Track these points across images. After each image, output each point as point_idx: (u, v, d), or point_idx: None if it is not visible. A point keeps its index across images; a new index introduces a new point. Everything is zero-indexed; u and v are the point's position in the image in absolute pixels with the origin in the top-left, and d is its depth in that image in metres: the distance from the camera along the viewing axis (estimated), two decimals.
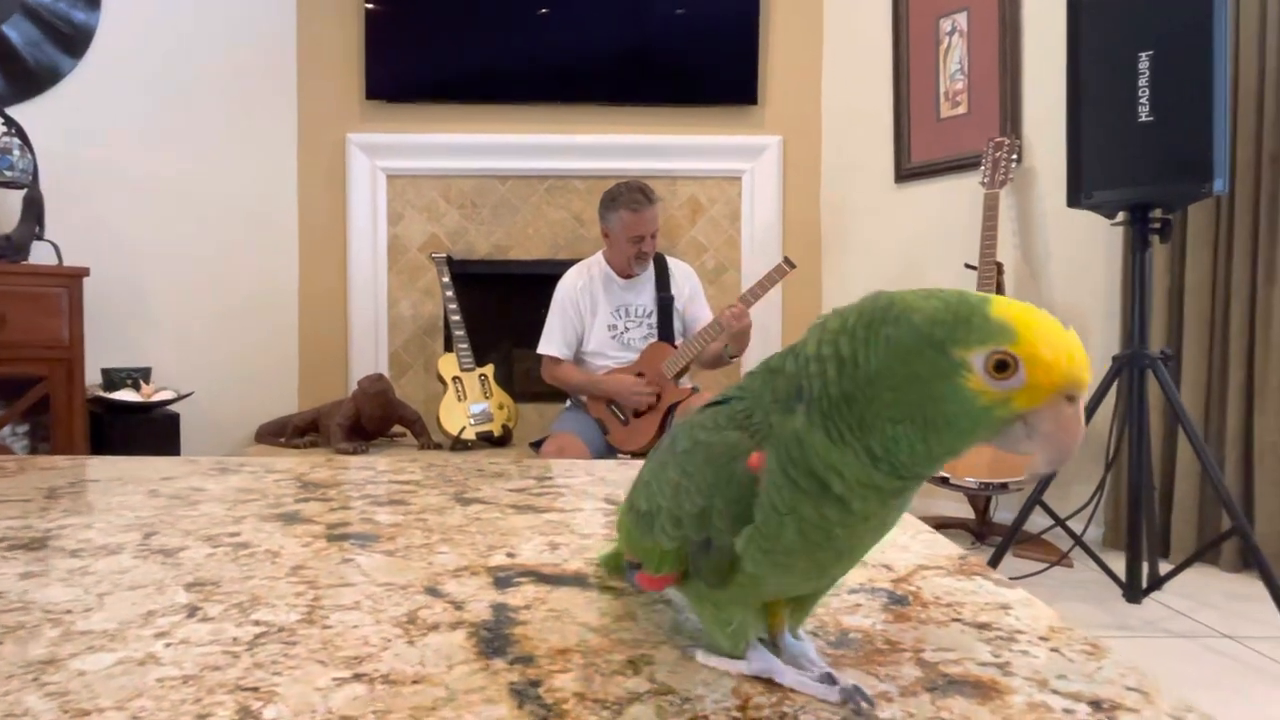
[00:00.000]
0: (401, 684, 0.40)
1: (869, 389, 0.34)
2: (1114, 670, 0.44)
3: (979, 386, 0.32)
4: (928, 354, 0.32)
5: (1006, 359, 0.31)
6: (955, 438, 0.33)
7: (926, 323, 0.33)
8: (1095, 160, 1.83)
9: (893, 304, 0.34)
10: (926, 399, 0.32)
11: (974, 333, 0.32)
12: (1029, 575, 2.23)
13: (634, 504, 0.45)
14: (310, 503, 0.84)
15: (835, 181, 3.44)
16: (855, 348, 0.34)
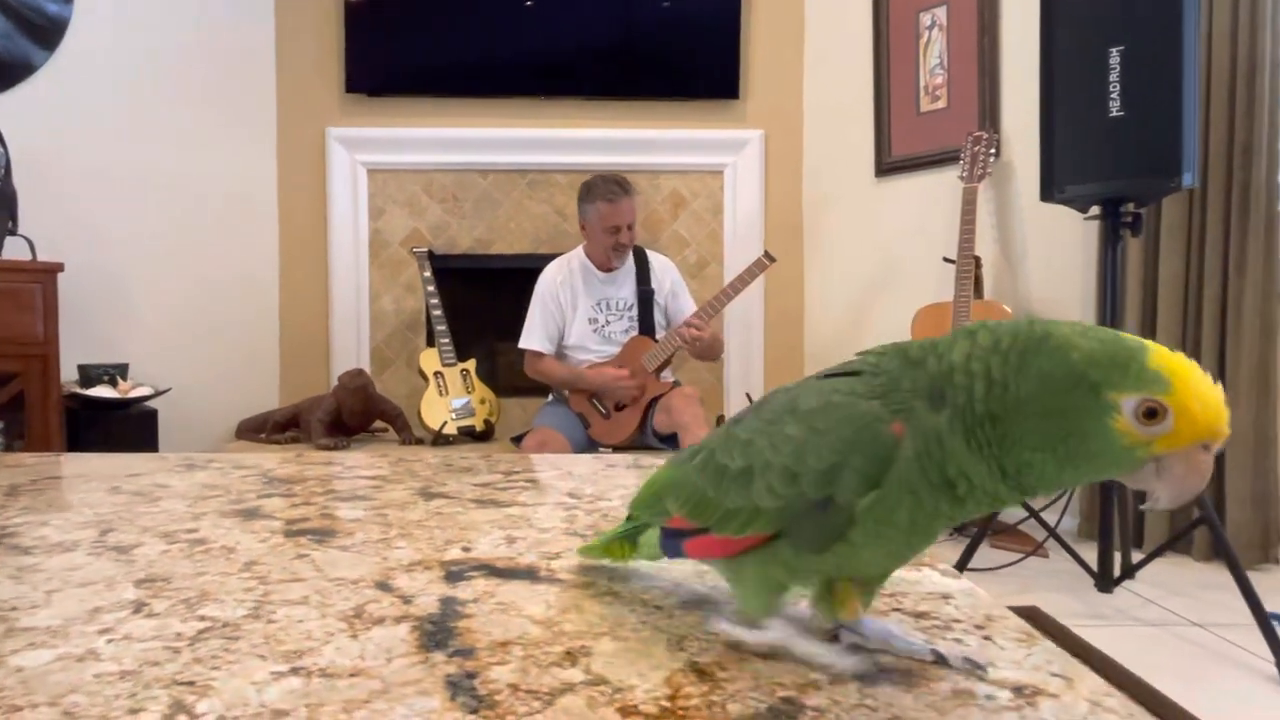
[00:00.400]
0: (338, 677, 0.41)
1: (1015, 414, 0.35)
2: (1042, 657, 0.45)
3: (1125, 429, 0.33)
4: (1079, 392, 0.34)
5: (1157, 407, 0.33)
6: (1090, 471, 0.35)
7: (1084, 362, 0.34)
8: (1067, 155, 1.84)
9: (1049, 336, 0.35)
10: (1070, 433, 0.34)
11: (1130, 379, 0.33)
12: (1005, 566, 2.26)
13: (712, 465, 0.44)
14: (273, 499, 0.84)
15: (816, 175, 3.45)
16: (1006, 372, 0.35)
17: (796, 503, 0.39)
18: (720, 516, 0.43)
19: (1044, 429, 0.34)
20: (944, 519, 0.38)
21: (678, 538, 0.47)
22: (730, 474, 0.43)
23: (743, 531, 0.42)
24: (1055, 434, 0.34)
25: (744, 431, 0.44)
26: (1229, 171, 2.30)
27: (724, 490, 0.43)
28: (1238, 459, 2.27)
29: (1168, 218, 2.38)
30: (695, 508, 0.45)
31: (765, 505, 0.41)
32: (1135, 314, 2.47)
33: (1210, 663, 1.69)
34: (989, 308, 2.63)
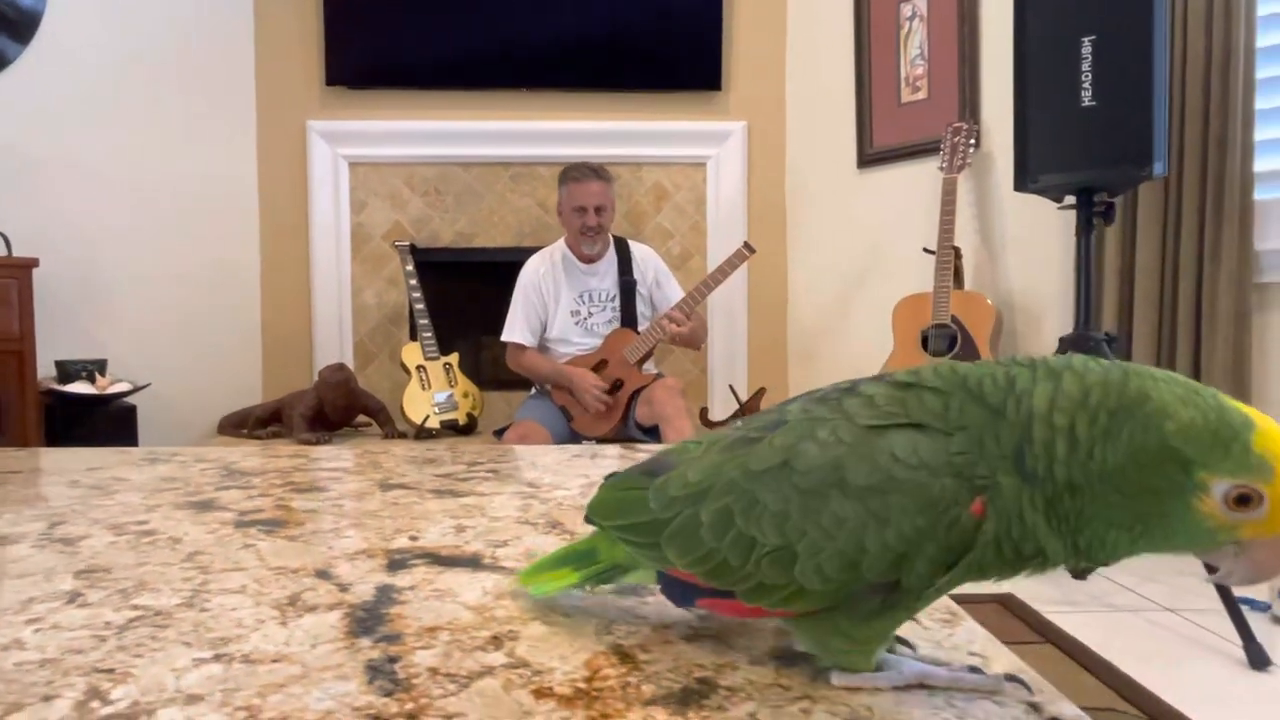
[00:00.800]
0: (260, 663, 0.41)
1: (1097, 485, 0.32)
2: (964, 637, 0.45)
3: (1211, 511, 0.31)
4: (1170, 468, 0.31)
5: (1252, 494, 0.30)
6: (1165, 546, 0.33)
7: (1179, 436, 0.31)
8: (1041, 145, 1.85)
9: (1146, 399, 0.32)
10: (1154, 511, 0.32)
11: (1229, 462, 0.31)
12: None
13: (733, 531, 0.38)
14: (230, 490, 0.84)
15: (799, 167, 3.45)
16: (1094, 434, 0.32)
17: (851, 586, 0.36)
18: (751, 588, 0.38)
19: (1127, 506, 0.32)
20: (1003, 577, 0.37)
21: (687, 591, 0.42)
22: (762, 548, 0.37)
23: (782, 607, 0.38)
24: (1138, 511, 0.32)
25: (773, 499, 0.37)
26: (1204, 161, 2.31)
27: (755, 564, 0.38)
28: None
29: (1144, 207, 2.40)
30: (713, 571, 0.39)
31: (814, 587, 0.36)
32: (1112, 303, 2.48)
33: (1179, 647, 1.71)
34: (969, 298, 2.64)
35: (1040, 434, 0.33)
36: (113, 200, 2.95)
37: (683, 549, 0.40)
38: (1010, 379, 0.35)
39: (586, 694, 0.38)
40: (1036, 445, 0.33)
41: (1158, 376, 0.33)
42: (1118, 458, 0.32)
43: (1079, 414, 0.33)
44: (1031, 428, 0.33)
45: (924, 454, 0.34)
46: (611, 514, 0.45)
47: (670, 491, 0.42)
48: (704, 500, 0.40)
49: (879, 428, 0.36)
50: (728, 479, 0.40)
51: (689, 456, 0.43)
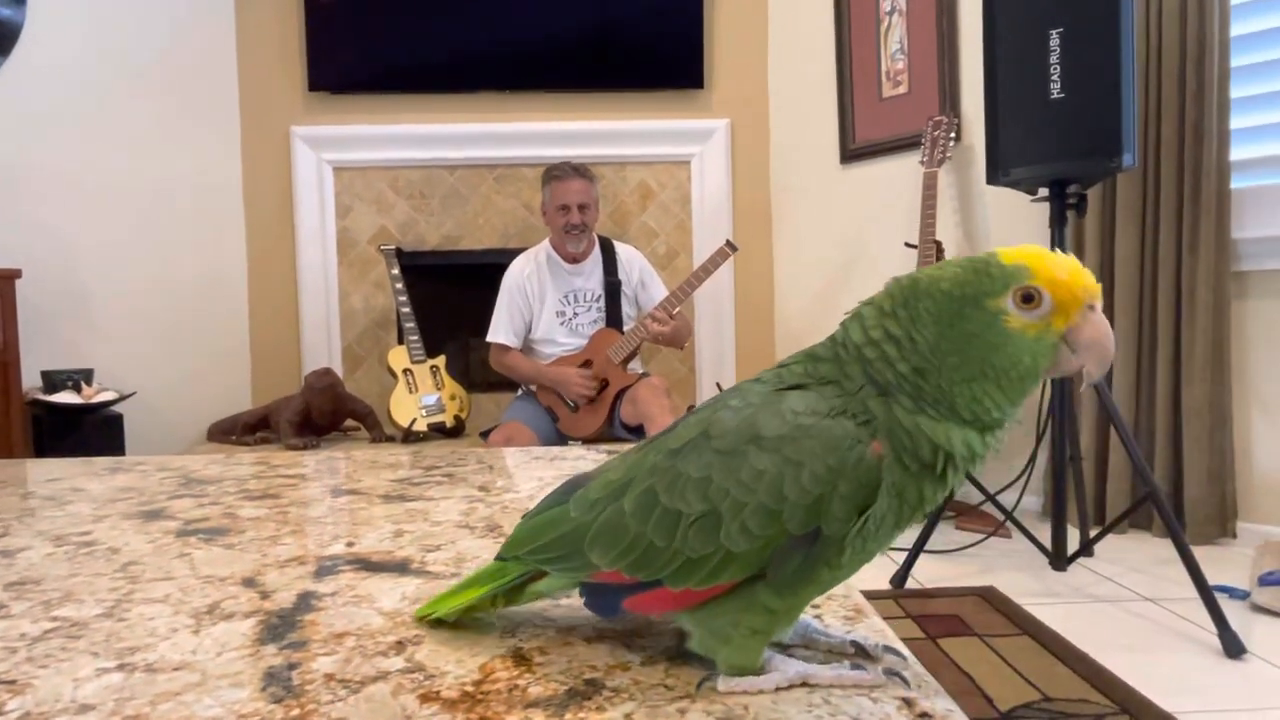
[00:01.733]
0: (162, 672, 0.42)
1: (934, 358, 0.37)
2: (862, 632, 0.46)
3: (1019, 323, 0.36)
4: (968, 311, 0.37)
5: (1030, 291, 0.36)
6: (1022, 375, 0.37)
7: (955, 286, 0.37)
8: (1012, 137, 1.86)
9: (916, 281, 0.39)
10: (985, 349, 0.37)
11: (995, 280, 0.36)
12: (967, 547, 2.28)
13: (658, 510, 0.39)
14: (182, 499, 0.84)
15: (783, 163, 3.45)
16: (904, 327, 0.38)
17: (776, 541, 0.37)
18: (678, 568, 0.39)
19: (965, 358, 0.37)
20: (930, 503, 0.39)
21: (612, 594, 0.42)
22: (688, 519, 0.38)
23: (710, 582, 0.38)
24: (976, 357, 0.37)
25: (694, 467, 0.39)
26: (1180, 151, 2.31)
27: (682, 539, 0.38)
28: (1194, 435, 2.29)
29: (1122, 198, 2.40)
30: (639, 560, 0.40)
31: (740, 549, 0.37)
32: None
33: (1156, 636, 1.72)
34: None
35: (872, 354, 0.38)
36: (98, 209, 2.96)
37: (608, 545, 0.41)
38: (829, 338, 0.41)
39: (472, 697, 0.39)
40: (875, 364, 0.38)
41: (925, 269, 0.39)
42: (931, 329, 0.37)
43: (886, 321, 0.39)
44: (864, 356, 0.39)
45: (816, 405, 0.39)
46: (526, 542, 0.45)
47: (591, 495, 0.43)
48: (627, 492, 0.41)
49: (780, 391, 0.40)
50: (649, 465, 0.41)
51: (608, 466, 0.45)
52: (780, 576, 0.38)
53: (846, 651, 0.43)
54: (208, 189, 3.29)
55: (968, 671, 1.51)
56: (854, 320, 0.40)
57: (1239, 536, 2.30)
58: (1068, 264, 0.37)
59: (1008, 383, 0.37)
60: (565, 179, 2.66)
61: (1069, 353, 0.37)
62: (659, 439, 0.43)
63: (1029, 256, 0.37)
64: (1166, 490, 2.33)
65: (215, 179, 3.31)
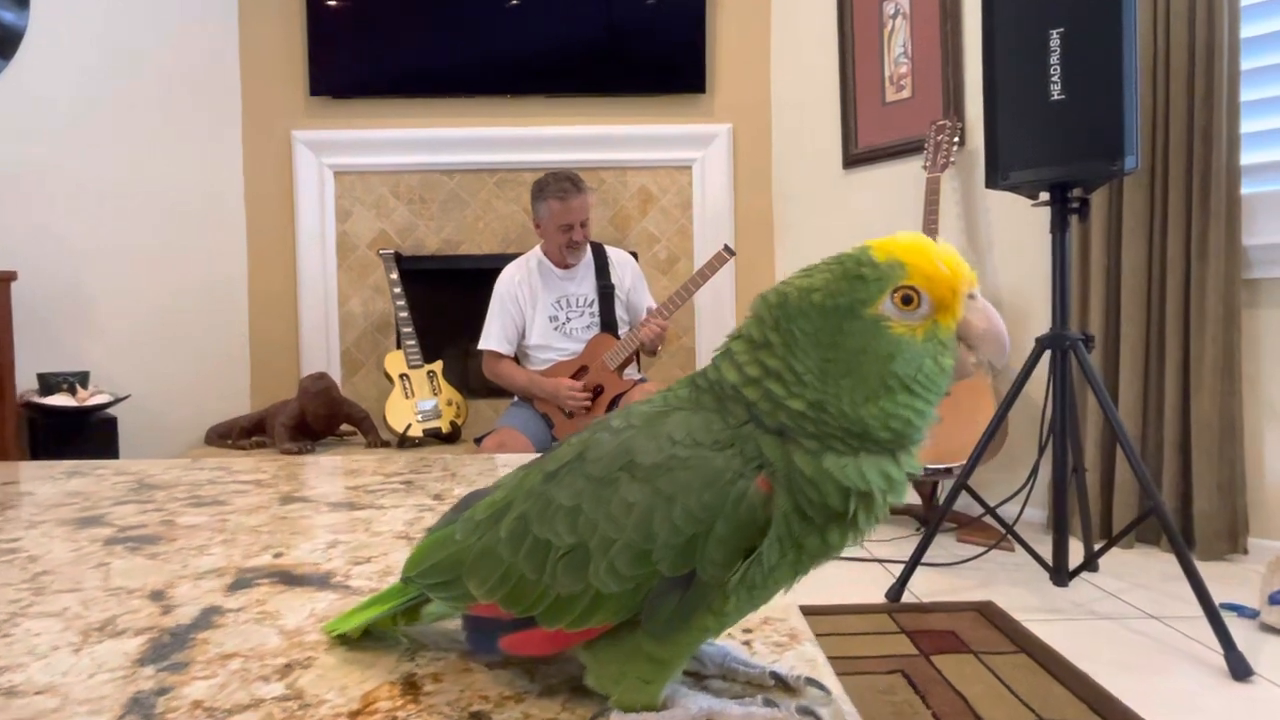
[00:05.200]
0: (22, 695, 0.39)
1: (827, 385, 0.33)
2: (790, 662, 0.42)
3: (904, 327, 0.33)
4: (847, 325, 0.33)
5: (908, 292, 0.33)
6: (926, 383, 0.33)
7: (828, 297, 0.34)
8: (1011, 140, 1.81)
9: (785, 298, 0.34)
10: (880, 362, 0.33)
11: (870, 284, 0.33)
12: (967, 560, 2.22)
13: (529, 539, 0.36)
14: (127, 505, 0.82)
15: (785, 168, 3.41)
16: (782, 358, 0.34)
17: (648, 583, 0.33)
18: (548, 607, 0.35)
19: (859, 376, 0.33)
20: (837, 549, 0.34)
21: (489, 631, 0.38)
22: (557, 552, 0.34)
23: (582, 624, 0.34)
24: (872, 373, 0.33)
25: (566, 494, 0.35)
26: (1189, 155, 2.25)
27: (550, 573, 0.35)
28: (1204, 447, 2.23)
29: (1129, 203, 2.34)
30: (511, 594, 0.36)
31: (610, 590, 0.33)
32: (1099, 302, 2.43)
33: (1159, 656, 1.66)
34: None
35: (754, 395, 0.34)
36: (99, 213, 2.97)
37: (484, 574, 0.37)
38: (704, 373, 0.37)
39: None
40: (760, 405, 0.34)
41: (784, 281, 0.35)
42: (814, 354, 0.33)
43: (761, 355, 0.34)
44: (746, 398, 0.34)
45: (698, 433, 0.34)
46: (416, 563, 0.41)
47: (476, 516, 0.39)
48: (505, 516, 0.38)
49: (662, 412, 0.36)
50: (527, 488, 0.38)
51: (502, 482, 0.41)
52: (654, 624, 0.33)
53: (765, 683, 0.39)
54: (209, 192, 3.29)
55: (961, 691, 1.46)
56: (724, 358, 0.35)
57: (1250, 552, 2.22)
58: (940, 255, 0.34)
59: (920, 389, 0.33)
60: (567, 198, 2.58)
61: (964, 350, 0.35)
62: (542, 457, 0.39)
63: (902, 249, 0.34)
64: (1175, 504, 2.26)
65: (217, 182, 3.31)
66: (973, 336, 0.34)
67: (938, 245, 0.34)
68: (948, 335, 0.34)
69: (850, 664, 1.56)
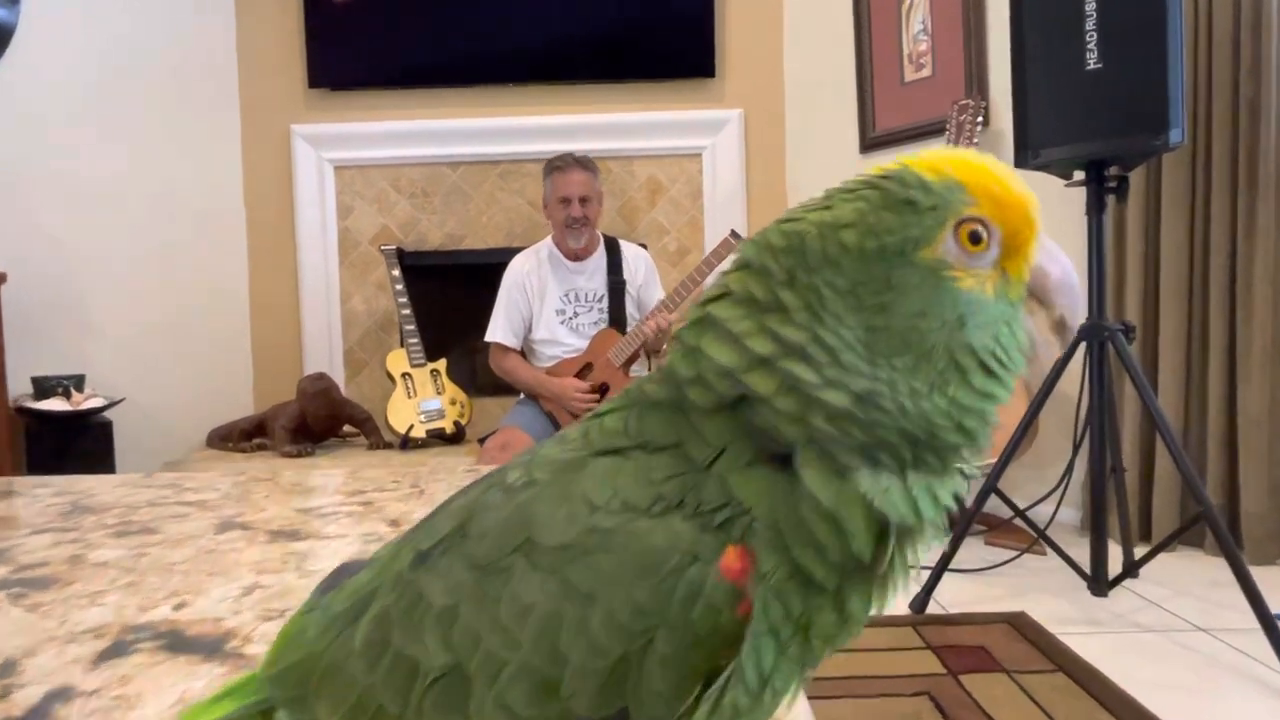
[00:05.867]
0: None
1: (877, 367, 0.23)
2: None
3: (974, 279, 0.24)
4: (898, 276, 0.24)
5: (976, 228, 0.24)
6: (1006, 360, 0.25)
7: (867, 238, 0.24)
8: (1041, 115, 1.67)
9: (802, 240, 0.24)
10: (944, 330, 0.24)
11: (924, 217, 0.24)
12: (996, 566, 2.09)
13: (389, 653, 0.25)
14: (44, 535, 0.72)
15: (800, 154, 3.28)
16: (810, 325, 0.23)
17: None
18: None
19: (917, 351, 0.23)
20: (858, 624, 0.24)
21: None
22: (425, 677, 0.24)
23: None
24: (933, 347, 0.23)
25: (440, 589, 0.24)
26: (1234, 129, 2.10)
27: (416, 708, 0.24)
28: (1251, 444, 2.08)
29: (1168, 182, 2.19)
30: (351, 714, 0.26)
31: None
32: (1137, 288, 2.27)
33: (1210, 672, 1.52)
34: None
35: (766, 386, 0.23)
36: (94, 212, 2.90)
37: (334, 698, 0.26)
38: (666, 371, 0.25)
39: None
40: (778, 402, 0.23)
41: (795, 213, 0.25)
42: (855, 321, 0.23)
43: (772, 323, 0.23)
44: (749, 390, 0.23)
45: (630, 489, 0.23)
46: (270, 661, 0.30)
47: (335, 606, 0.28)
48: (366, 611, 0.26)
49: (579, 458, 0.25)
50: (395, 571, 0.27)
51: (379, 555, 0.30)
52: None
53: None
54: (208, 189, 3.22)
55: (991, 715, 1.34)
56: (706, 333, 0.24)
57: None
58: (1004, 172, 0.25)
59: (1000, 368, 0.24)
60: (566, 170, 2.53)
61: (1030, 310, 0.26)
62: (419, 526, 0.28)
63: (957, 166, 0.25)
64: (1220, 503, 2.11)
65: (215, 179, 3.24)
66: (1047, 289, 0.26)
67: (988, 160, 0.25)
68: (1019, 290, 0.25)
69: (871, 685, 1.45)
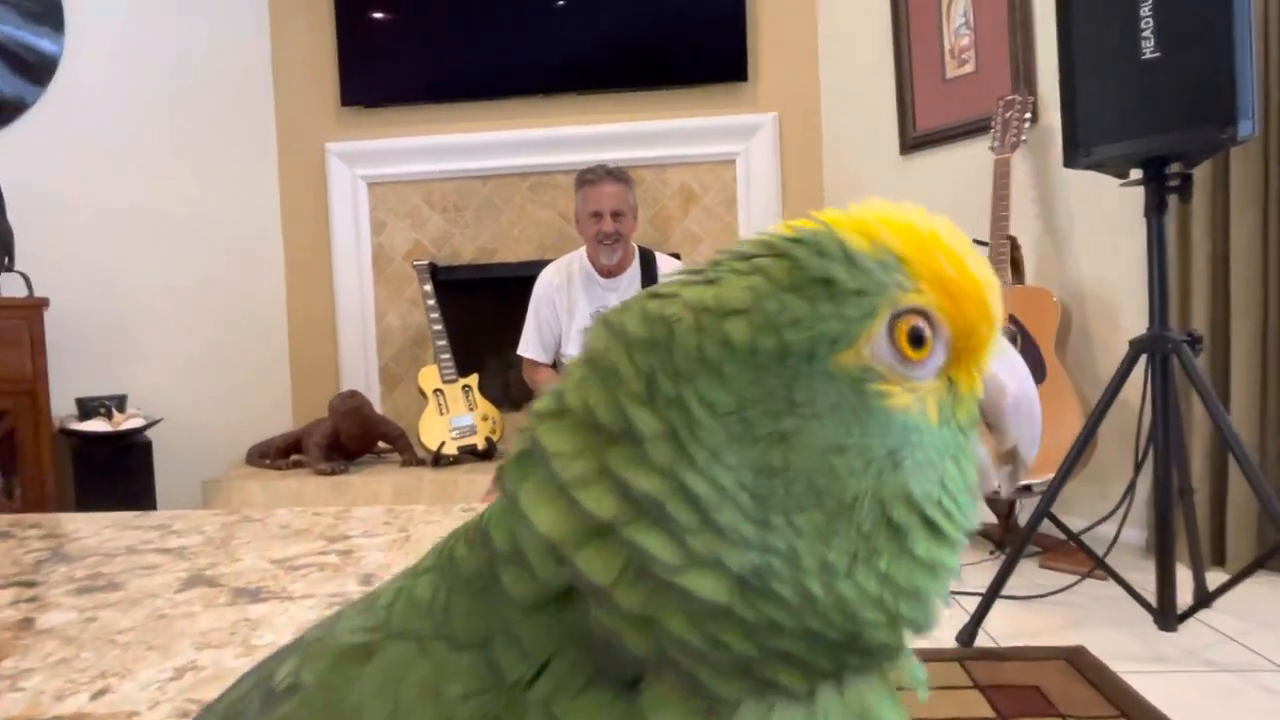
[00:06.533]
0: None
1: (770, 530, 0.16)
2: None
3: (912, 396, 0.18)
4: (806, 390, 0.17)
5: (918, 322, 0.18)
6: (956, 512, 0.18)
7: (763, 332, 0.17)
8: (1094, 111, 1.54)
9: (668, 329, 0.18)
10: (870, 472, 0.17)
11: (848, 305, 0.18)
12: (1055, 592, 1.95)
13: None
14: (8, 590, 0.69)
15: (837, 158, 3.17)
16: (672, 466, 0.17)
17: None
18: None
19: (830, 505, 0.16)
20: None
21: None
22: None
23: None
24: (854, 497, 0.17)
25: None
26: None
27: None
28: None
29: (1237, 178, 2.02)
30: None
31: None
32: (1204, 295, 2.11)
33: None
34: (1030, 294, 2.31)
35: (603, 572, 0.16)
36: (134, 235, 2.97)
37: None
38: (483, 523, 0.19)
39: None
40: (624, 599, 0.16)
41: (663, 289, 0.19)
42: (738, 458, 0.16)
43: (615, 461, 0.16)
44: (574, 569, 0.16)
45: (407, 709, 0.17)
46: None
47: None
48: None
49: (364, 649, 0.19)
50: None
51: None
52: None
53: None
54: (245, 210, 3.27)
55: None
56: (528, 477, 0.18)
57: None
58: (958, 244, 0.19)
59: (947, 523, 0.17)
60: (596, 183, 2.47)
61: (990, 437, 0.20)
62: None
63: (897, 232, 0.19)
64: None
65: (252, 200, 3.29)
66: (1001, 411, 0.20)
67: (946, 227, 0.20)
68: (970, 409, 0.19)
69: None
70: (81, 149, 2.86)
